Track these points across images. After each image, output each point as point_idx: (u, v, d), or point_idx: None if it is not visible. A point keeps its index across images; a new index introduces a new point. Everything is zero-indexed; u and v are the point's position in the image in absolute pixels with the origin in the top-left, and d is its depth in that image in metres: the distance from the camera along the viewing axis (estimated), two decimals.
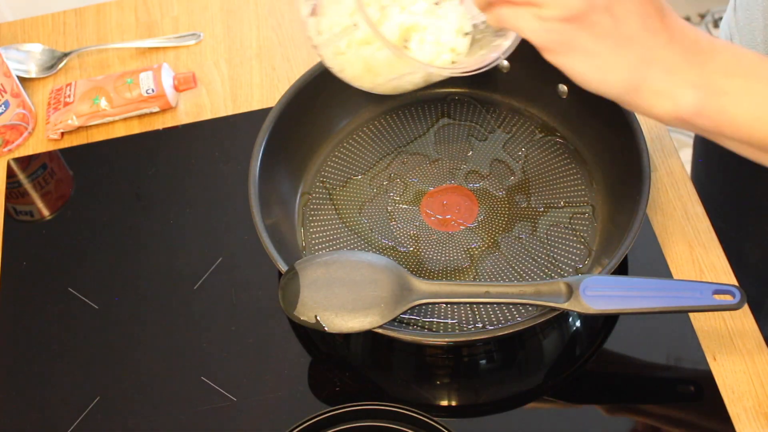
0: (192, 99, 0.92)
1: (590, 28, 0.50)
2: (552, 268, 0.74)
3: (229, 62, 0.95)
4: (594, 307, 0.64)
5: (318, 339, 0.74)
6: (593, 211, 0.77)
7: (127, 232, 0.83)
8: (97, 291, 0.79)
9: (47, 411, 0.73)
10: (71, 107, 0.90)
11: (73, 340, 0.76)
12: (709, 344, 0.71)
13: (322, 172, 0.82)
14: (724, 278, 0.74)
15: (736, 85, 0.52)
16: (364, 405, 0.66)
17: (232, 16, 0.99)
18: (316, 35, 0.65)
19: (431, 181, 0.81)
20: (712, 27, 2.08)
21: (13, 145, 0.90)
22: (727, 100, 0.52)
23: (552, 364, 0.72)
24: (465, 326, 0.71)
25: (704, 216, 0.78)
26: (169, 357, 0.75)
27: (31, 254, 0.82)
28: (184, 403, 0.72)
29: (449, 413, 0.71)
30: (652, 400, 0.69)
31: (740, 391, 0.68)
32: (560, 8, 0.50)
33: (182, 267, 0.80)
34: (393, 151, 0.83)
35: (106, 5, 1.01)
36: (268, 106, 0.89)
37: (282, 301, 0.67)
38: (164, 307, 0.77)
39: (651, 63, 0.52)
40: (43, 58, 0.96)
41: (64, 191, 0.88)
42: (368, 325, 0.65)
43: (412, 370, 0.74)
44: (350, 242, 0.77)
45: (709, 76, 0.52)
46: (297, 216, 0.79)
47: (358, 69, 0.66)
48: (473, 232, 0.77)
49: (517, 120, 0.84)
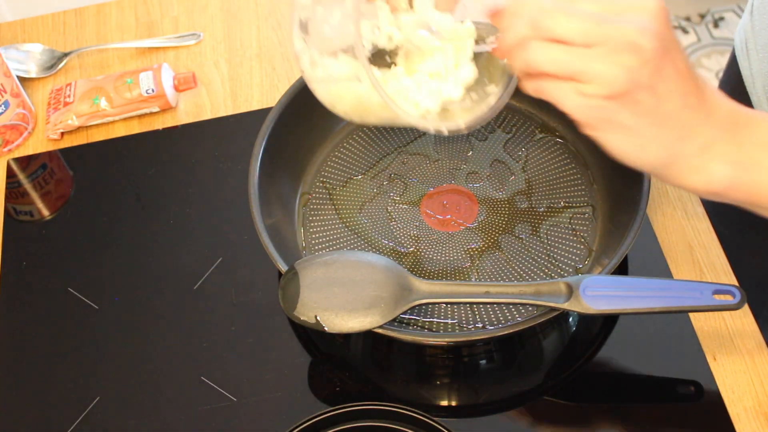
0: (192, 99, 0.92)
1: (632, 106, 0.50)
2: (552, 268, 0.74)
3: (229, 62, 0.95)
4: (594, 307, 0.64)
5: (318, 339, 0.74)
6: (593, 211, 0.77)
7: (127, 232, 0.83)
8: (97, 291, 0.79)
9: (47, 411, 0.73)
10: (71, 107, 0.90)
11: (73, 340, 0.76)
12: (709, 344, 0.71)
13: (322, 172, 0.82)
14: (724, 278, 0.74)
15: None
16: (364, 405, 0.66)
17: (232, 16, 0.99)
18: (309, 67, 0.61)
19: (431, 181, 0.81)
20: (713, 27, 2.08)
21: (13, 145, 0.90)
22: (760, 174, 0.53)
23: (552, 364, 0.72)
24: (465, 326, 0.71)
25: (704, 216, 0.78)
26: (169, 357, 0.75)
27: (31, 254, 0.82)
28: (184, 403, 0.72)
29: (449, 413, 0.71)
30: (652, 400, 0.69)
31: (740, 391, 0.68)
32: (605, 86, 0.49)
33: (182, 267, 0.80)
34: (393, 151, 0.83)
35: (106, 5, 1.01)
36: (268, 106, 0.89)
37: (282, 301, 0.67)
38: (164, 307, 0.77)
39: (687, 139, 0.52)
40: (43, 58, 0.96)
41: (64, 191, 0.88)
42: (368, 325, 0.65)
43: (412, 370, 0.74)
44: (350, 242, 0.77)
45: (744, 151, 0.53)
46: (297, 216, 0.79)
47: (348, 105, 0.62)
48: (473, 232, 0.77)
49: (517, 120, 0.84)
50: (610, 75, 0.48)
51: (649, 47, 0.48)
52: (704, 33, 2.06)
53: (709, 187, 0.54)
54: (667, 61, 0.50)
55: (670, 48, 0.50)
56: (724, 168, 0.53)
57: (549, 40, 0.49)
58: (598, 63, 0.48)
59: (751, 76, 0.83)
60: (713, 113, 0.53)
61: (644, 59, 0.48)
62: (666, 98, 0.50)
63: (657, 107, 0.50)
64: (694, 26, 2.08)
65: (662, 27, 0.49)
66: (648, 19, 0.49)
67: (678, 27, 2.08)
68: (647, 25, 0.48)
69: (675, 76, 0.51)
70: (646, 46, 0.48)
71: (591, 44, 0.48)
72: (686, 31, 2.07)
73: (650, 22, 0.49)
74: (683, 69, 0.51)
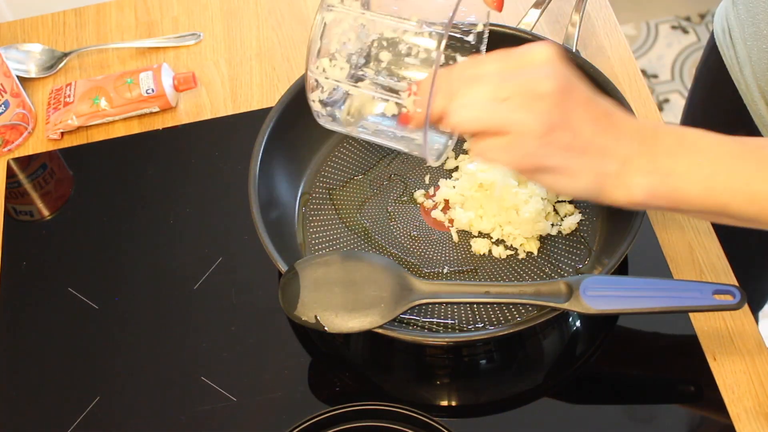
0: (192, 99, 0.92)
1: (554, 146, 0.55)
2: (552, 268, 0.74)
3: (229, 62, 0.95)
4: (594, 307, 0.64)
5: (318, 339, 0.74)
6: (593, 211, 0.77)
7: (128, 232, 0.83)
8: (97, 291, 0.79)
9: (47, 411, 0.73)
10: (71, 107, 0.90)
11: (73, 340, 0.77)
12: (709, 344, 0.71)
13: (322, 172, 0.82)
14: (724, 278, 0.74)
15: (682, 164, 0.56)
16: (364, 405, 0.66)
17: (232, 16, 0.99)
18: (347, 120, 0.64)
19: (431, 181, 0.81)
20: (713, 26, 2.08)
21: (13, 145, 0.90)
22: (676, 180, 0.56)
23: (552, 364, 0.72)
24: (465, 326, 0.71)
25: None
26: (169, 357, 0.75)
27: (31, 254, 0.82)
28: (184, 403, 0.72)
29: (449, 413, 0.71)
30: (652, 400, 0.69)
31: (740, 391, 0.68)
32: (526, 132, 0.54)
33: (182, 267, 0.80)
34: (393, 151, 0.83)
35: (106, 5, 1.01)
36: (268, 106, 0.89)
37: (282, 301, 0.67)
38: (164, 307, 0.77)
39: (607, 160, 0.56)
40: (43, 58, 0.96)
41: (64, 191, 0.88)
42: (368, 325, 0.65)
43: (412, 370, 0.74)
44: (350, 242, 0.77)
45: (657, 161, 0.56)
46: (297, 216, 0.79)
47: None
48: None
49: None
50: (527, 121, 0.54)
51: (551, 91, 0.54)
52: (704, 33, 2.07)
53: (631, 199, 0.57)
54: (571, 96, 0.55)
55: (571, 84, 0.55)
56: (642, 179, 0.56)
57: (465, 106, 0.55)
58: (514, 114, 0.54)
59: (738, 64, 0.84)
60: (624, 131, 0.57)
61: (551, 102, 0.54)
62: (579, 129, 0.55)
63: (574, 139, 0.55)
64: (694, 26, 2.08)
65: (558, 69, 0.55)
66: (543, 68, 0.54)
67: (678, 27, 2.09)
68: (544, 72, 0.54)
69: (582, 107, 0.55)
70: (548, 90, 0.54)
71: (502, 100, 0.54)
72: (686, 31, 2.07)
73: (546, 68, 0.54)
74: (587, 98, 0.56)
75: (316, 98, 0.62)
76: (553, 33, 0.91)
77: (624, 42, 0.91)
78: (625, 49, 0.90)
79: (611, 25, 0.92)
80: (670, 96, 1.97)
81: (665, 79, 2.00)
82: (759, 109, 0.82)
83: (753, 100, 0.82)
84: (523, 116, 0.54)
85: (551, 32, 0.91)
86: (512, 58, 0.56)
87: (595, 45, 0.91)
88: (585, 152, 0.55)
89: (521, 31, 0.80)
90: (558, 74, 0.54)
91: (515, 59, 0.55)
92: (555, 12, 0.93)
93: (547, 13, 0.92)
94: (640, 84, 0.87)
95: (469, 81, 0.55)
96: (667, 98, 1.97)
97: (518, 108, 0.54)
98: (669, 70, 2.01)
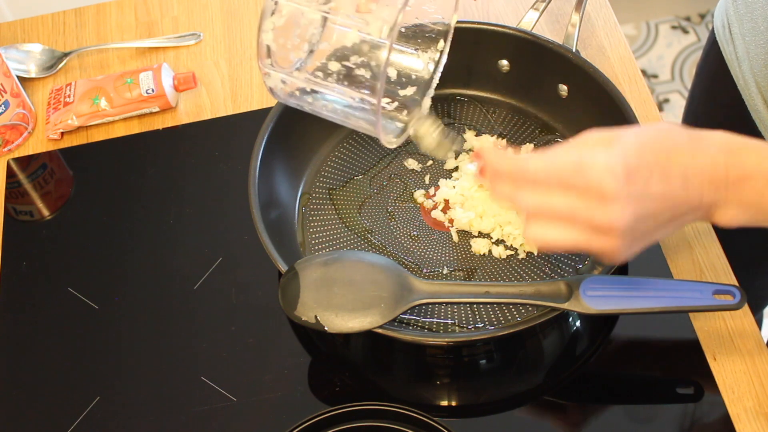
0: (192, 99, 0.92)
1: (638, 239, 0.55)
2: (552, 268, 0.74)
3: (229, 62, 0.95)
4: (594, 307, 0.64)
5: (318, 339, 0.74)
6: None
7: (128, 232, 0.83)
8: (97, 291, 0.79)
9: (47, 411, 0.73)
10: (71, 107, 0.90)
11: (73, 340, 0.77)
12: (709, 344, 0.71)
13: (322, 172, 0.82)
14: (724, 278, 0.74)
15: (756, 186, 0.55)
16: (364, 405, 0.66)
17: (232, 16, 0.99)
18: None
19: (431, 180, 0.81)
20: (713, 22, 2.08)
21: (13, 145, 0.90)
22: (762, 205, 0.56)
23: (552, 364, 0.72)
24: (465, 326, 0.71)
25: None
26: (169, 357, 0.75)
27: (31, 254, 0.82)
28: (184, 403, 0.72)
29: (449, 413, 0.71)
30: (652, 400, 0.69)
31: (740, 391, 0.68)
32: (605, 254, 0.55)
33: (182, 267, 0.80)
34: (393, 151, 0.83)
35: (106, 5, 1.01)
36: (268, 106, 0.89)
37: (282, 301, 0.67)
38: (164, 307, 0.77)
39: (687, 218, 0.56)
40: (43, 58, 0.96)
41: (64, 191, 0.88)
42: (368, 325, 0.65)
43: (412, 370, 0.74)
44: (350, 242, 0.77)
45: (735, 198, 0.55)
46: (297, 216, 0.79)
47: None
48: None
49: (517, 120, 0.84)
50: (609, 250, 0.54)
51: (623, 221, 0.52)
52: (704, 33, 2.07)
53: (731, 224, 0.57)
54: (645, 195, 0.53)
55: (641, 184, 0.52)
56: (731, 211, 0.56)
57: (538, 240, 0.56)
58: (594, 243, 0.54)
59: (737, 60, 0.84)
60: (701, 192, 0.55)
61: (622, 229, 0.52)
62: (659, 214, 0.54)
63: (656, 226, 0.55)
64: (694, 26, 2.08)
65: (623, 185, 0.52)
66: (609, 203, 0.52)
67: (678, 27, 2.09)
68: (611, 208, 0.52)
69: (657, 197, 0.53)
70: (619, 223, 0.52)
71: (575, 242, 0.54)
72: (686, 31, 2.07)
73: (611, 204, 0.52)
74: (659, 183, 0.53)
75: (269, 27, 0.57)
76: (553, 33, 0.91)
77: (624, 42, 0.91)
78: (625, 49, 0.90)
79: (611, 25, 0.92)
80: (670, 96, 1.97)
81: (665, 79, 2.00)
82: (756, 104, 0.82)
83: (750, 95, 0.83)
84: (605, 246, 0.54)
85: (551, 32, 0.91)
86: (577, 189, 0.53)
87: (595, 45, 0.91)
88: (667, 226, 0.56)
89: (521, 31, 0.80)
90: (625, 192, 0.52)
91: (581, 190, 0.53)
92: (555, 12, 0.93)
93: (547, 13, 0.92)
94: (640, 84, 0.87)
95: (537, 209, 0.55)
96: (667, 98, 1.97)
97: (596, 241, 0.54)
98: (669, 70, 2.01)
